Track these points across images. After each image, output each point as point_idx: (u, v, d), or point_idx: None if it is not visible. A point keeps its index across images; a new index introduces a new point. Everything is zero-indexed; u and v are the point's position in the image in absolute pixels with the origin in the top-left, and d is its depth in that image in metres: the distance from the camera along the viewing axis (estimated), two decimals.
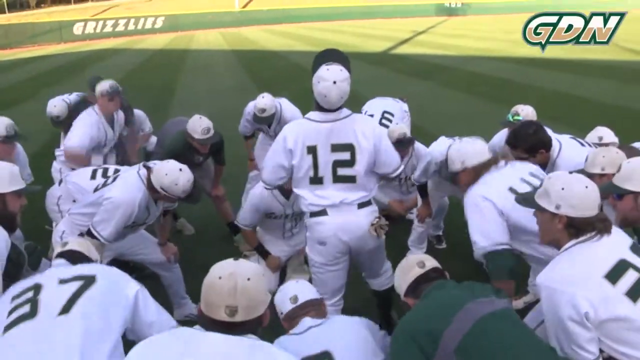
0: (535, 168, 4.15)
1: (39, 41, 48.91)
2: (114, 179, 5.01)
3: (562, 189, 3.01)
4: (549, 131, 4.83)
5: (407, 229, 6.35)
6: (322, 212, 4.23)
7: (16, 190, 3.78)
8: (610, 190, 3.50)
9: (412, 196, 6.57)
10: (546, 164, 4.60)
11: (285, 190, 5.27)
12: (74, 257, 3.35)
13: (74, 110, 7.00)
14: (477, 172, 4.04)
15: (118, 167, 5.66)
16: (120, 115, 6.97)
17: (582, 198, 2.97)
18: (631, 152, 4.30)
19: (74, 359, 2.64)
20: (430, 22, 52.31)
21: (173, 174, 4.64)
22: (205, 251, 6.11)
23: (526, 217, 3.42)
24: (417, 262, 3.17)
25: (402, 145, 5.77)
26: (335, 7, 65.19)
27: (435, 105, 6.14)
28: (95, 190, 5.08)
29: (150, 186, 4.74)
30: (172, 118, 7.85)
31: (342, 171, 4.16)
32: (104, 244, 4.66)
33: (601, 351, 2.79)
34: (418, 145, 6.33)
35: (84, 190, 5.35)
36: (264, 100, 6.82)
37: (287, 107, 7.10)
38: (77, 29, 52.60)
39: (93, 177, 5.45)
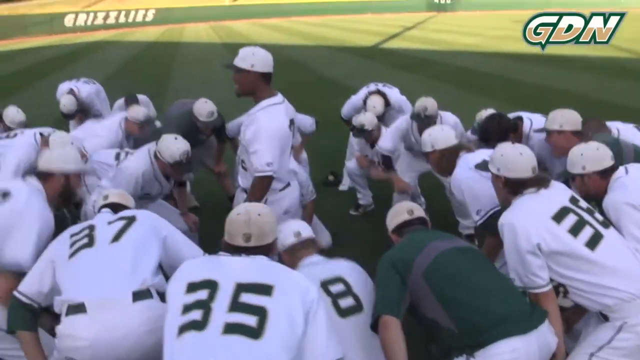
0: None
1: (30, 33, 48.91)
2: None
3: (501, 155, 3.76)
4: (524, 113, 5.73)
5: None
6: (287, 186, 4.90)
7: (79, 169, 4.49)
8: (564, 174, 4.13)
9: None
10: (520, 140, 5.28)
11: None
12: (115, 207, 4.17)
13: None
14: (445, 155, 4.73)
15: None
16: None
17: (516, 162, 3.67)
18: (598, 126, 5.01)
19: (125, 273, 3.40)
20: (419, 18, 52.60)
21: (167, 140, 5.35)
22: (211, 223, 6.52)
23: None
24: (407, 209, 3.89)
25: (361, 133, 6.51)
26: (326, 2, 65.29)
27: (420, 95, 6.50)
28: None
29: (157, 159, 5.40)
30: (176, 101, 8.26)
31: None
32: None
33: (552, 280, 3.42)
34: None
35: (108, 167, 5.96)
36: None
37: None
38: (68, 21, 52.83)
39: (117, 158, 6.10)
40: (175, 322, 2.75)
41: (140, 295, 3.31)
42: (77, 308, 3.24)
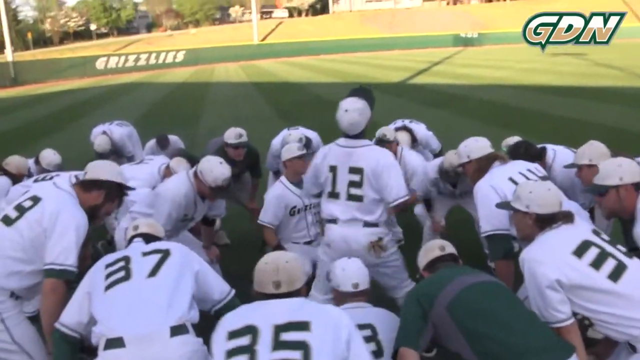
0: (534, 166, 4.91)
1: (63, 76, 49.98)
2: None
3: (530, 192, 3.76)
4: (548, 144, 5.84)
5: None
6: (333, 221, 4.92)
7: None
8: (594, 189, 4.12)
9: None
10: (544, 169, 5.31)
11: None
12: (146, 237, 4.15)
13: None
14: (481, 164, 4.82)
15: None
16: None
17: (546, 198, 3.69)
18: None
19: (163, 308, 3.42)
20: (447, 53, 52.92)
21: (212, 162, 5.40)
22: (239, 260, 6.56)
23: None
24: (439, 246, 4.00)
25: (382, 143, 6.42)
26: (352, 39, 66.10)
27: (448, 132, 6.49)
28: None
29: (195, 177, 5.44)
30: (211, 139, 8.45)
31: (353, 191, 4.78)
32: None
33: (575, 314, 3.43)
34: (409, 156, 6.91)
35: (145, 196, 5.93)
36: (294, 135, 7.39)
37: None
38: (100, 64, 53.69)
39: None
40: None
41: (177, 330, 3.36)
42: (116, 342, 3.28)
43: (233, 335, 2.98)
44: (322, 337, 2.92)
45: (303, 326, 2.95)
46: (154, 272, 3.64)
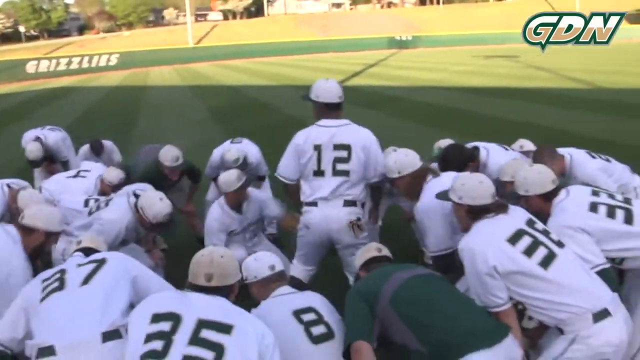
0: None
1: None
2: (107, 203, 5.76)
3: (463, 184, 3.96)
4: (480, 143, 6.03)
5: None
6: (314, 204, 5.09)
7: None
8: (512, 196, 4.39)
9: None
10: (478, 169, 5.55)
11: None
12: (87, 251, 4.22)
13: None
14: (413, 179, 4.88)
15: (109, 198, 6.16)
16: None
17: (477, 190, 3.88)
18: (551, 153, 5.36)
19: (95, 315, 3.45)
20: (381, 55, 53.47)
21: (152, 199, 5.42)
22: (178, 263, 6.56)
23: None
24: (376, 247, 4.23)
25: None
26: (287, 42, 66.16)
27: (383, 132, 6.56)
28: (90, 213, 5.82)
29: (137, 209, 5.44)
30: (143, 146, 8.41)
31: (339, 166, 5.01)
32: None
33: (511, 298, 3.65)
34: None
35: (77, 213, 5.94)
36: (232, 153, 7.33)
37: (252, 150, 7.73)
38: (31, 68, 52.17)
39: (86, 205, 6.05)
40: (137, 350, 2.90)
41: (110, 335, 3.38)
42: (47, 350, 3.30)
43: (156, 318, 3.00)
44: (239, 345, 2.92)
45: (226, 329, 2.96)
46: (87, 280, 3.66)
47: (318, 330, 3.52)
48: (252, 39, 68.12)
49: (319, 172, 5.05)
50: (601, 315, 3.47)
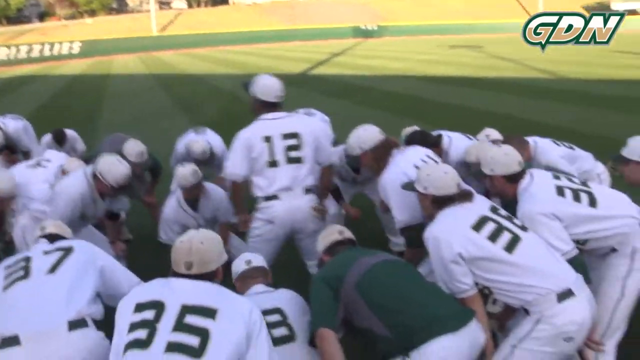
0: (431, 152, 5.11)
1: None
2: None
3: (427, 175, 4.01)
4: (443, 131, 6.20)
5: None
6: (274, 197, 5.06)
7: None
8: (477, 175, 4.50)
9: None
10: (441, 156, 5.64)
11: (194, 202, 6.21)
12: (52, 237, 4.15)
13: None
14: (377, 154, 4.90)
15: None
16: None
17: (442, 180, 3.95)
18: (520, 141, 5.50)
19: (61, 304, 3.42)
20: (347, 44, 53.50)
21: (110, 161, 5.39)
22: (143, 254, 6.53)
23: None
24: (337, 230, 4.17)
25: None
26: (252, 31, 65.76)
27: (349, 121, 6.58)
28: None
29: (95, 177, 5.37)
30: (106, 136, 8.30)
31: (292, 154, 5.03)
32: None
33: (476, 284, 3.72)
34: None
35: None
36: (199, 144, 7.36)
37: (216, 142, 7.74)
38: None
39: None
40: (122, 341, 2.89)
41: (76, 324, 3.35)
42: (11, 340, 3.25)
43: (139, 307, 2.98)
44: (224, 328, 2.91)
45: (209, 313, 2.93)
46: (53, 269, 3.62)
47: (279, 332, 3.51)
48: (217, 28, 67.53)
49: (272, 163, 5.03)
50: (565, 295, 3.55)
